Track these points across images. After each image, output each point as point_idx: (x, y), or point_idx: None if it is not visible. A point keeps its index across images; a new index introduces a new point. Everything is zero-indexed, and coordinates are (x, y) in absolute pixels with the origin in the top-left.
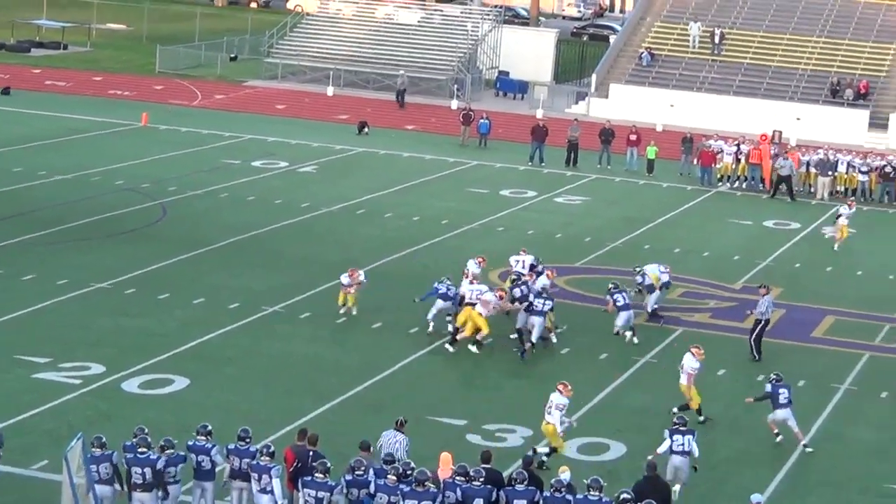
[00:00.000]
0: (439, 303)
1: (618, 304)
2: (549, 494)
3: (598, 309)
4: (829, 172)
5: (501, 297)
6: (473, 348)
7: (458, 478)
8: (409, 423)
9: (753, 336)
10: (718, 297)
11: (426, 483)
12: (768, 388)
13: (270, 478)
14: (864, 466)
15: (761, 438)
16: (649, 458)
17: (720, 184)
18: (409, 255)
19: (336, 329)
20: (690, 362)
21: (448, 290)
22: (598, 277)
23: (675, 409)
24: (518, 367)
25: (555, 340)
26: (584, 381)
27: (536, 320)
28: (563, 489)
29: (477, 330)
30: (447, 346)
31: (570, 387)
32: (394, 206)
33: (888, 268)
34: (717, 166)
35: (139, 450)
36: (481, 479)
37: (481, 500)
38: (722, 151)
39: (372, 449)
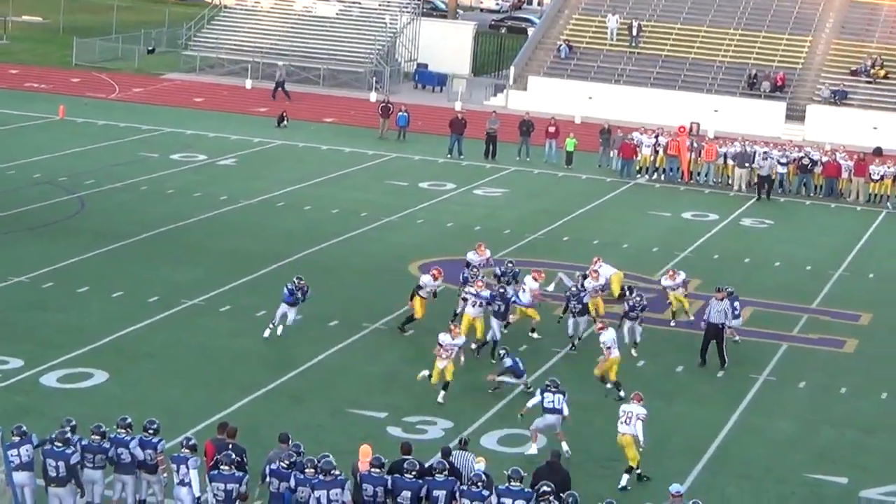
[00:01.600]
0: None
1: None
2: (465, 488)
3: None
4: (747, 164)
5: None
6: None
7: (373, 470)
8: (328, 416)
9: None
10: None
11: (333, 472)
12: (537, 395)
13: (188, 469)
14: (782, 456)
15: (680, 427)
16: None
17: (639, 175)
18: (327, 247)
19: (256, 322)
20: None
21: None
22: (517, 269)
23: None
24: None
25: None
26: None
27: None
28: (479, 482)
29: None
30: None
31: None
32: (313, 199)
33: (805, 259)
34: (637, 158)
35: (56, 443)
36: (414, 472)
37: (409, 492)
38: (641, 144)
39: (291, 441)
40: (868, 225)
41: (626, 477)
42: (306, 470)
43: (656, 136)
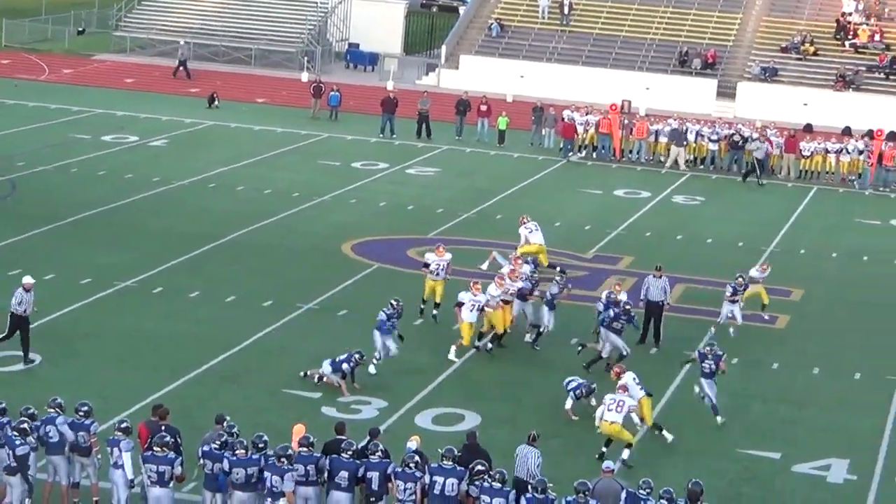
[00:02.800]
0: None
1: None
2: (400, 470)
3: (451, 280)
4: (683, 142)
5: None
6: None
7: (302, 450)
8: (263, 397)
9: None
10: (570, 266)
11: (247, 450)
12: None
13: (121, 451)
14: (717, 432)
15: None
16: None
17: (570, 154)
18: (260, 228)
19: (189, 303)
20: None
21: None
22: (451, 248)
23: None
24: (371, 340)
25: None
26: (440, 350)
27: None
28: (412, 463)
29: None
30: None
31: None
32: (245, 179)
33: (737, 235)
34: (577, 137)
35: (11, 432)
36: (351, 452)
37: (346, 473)
38: (574, 121)
39: (226, 423)
40: (799, 201)
41: (626, 451)
42: (237, 451)
43: (587, 114)
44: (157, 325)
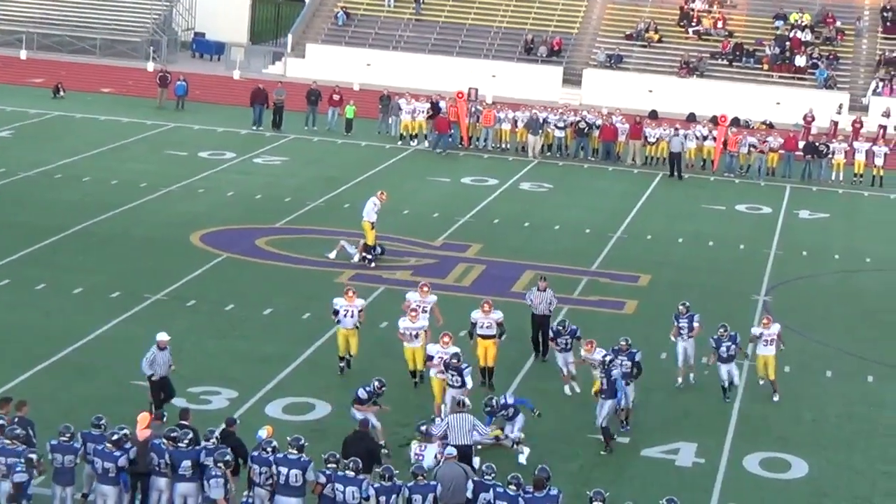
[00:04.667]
0: None
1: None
2: (256, 454)
3: (297, 269)
4: (538, 131)
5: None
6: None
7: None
8: (113, 388)
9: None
10: (419, 254)
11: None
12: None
13: None
14: (567, 418)
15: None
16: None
17: (414, 142)
18: (108, 218)
19: (36, 295)
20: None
21: None
22: (298, 237)
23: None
24: (223, 330)
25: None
26: (289, 340)
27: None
28: (268, 448)
29: None
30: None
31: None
32: (92, 170)
33: (584, 222)
34: (451, 132)
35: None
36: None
37: (188, 461)
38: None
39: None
40: (645, 187)
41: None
42: (106, 444)
43: (432, 103)
44: (3, 317)
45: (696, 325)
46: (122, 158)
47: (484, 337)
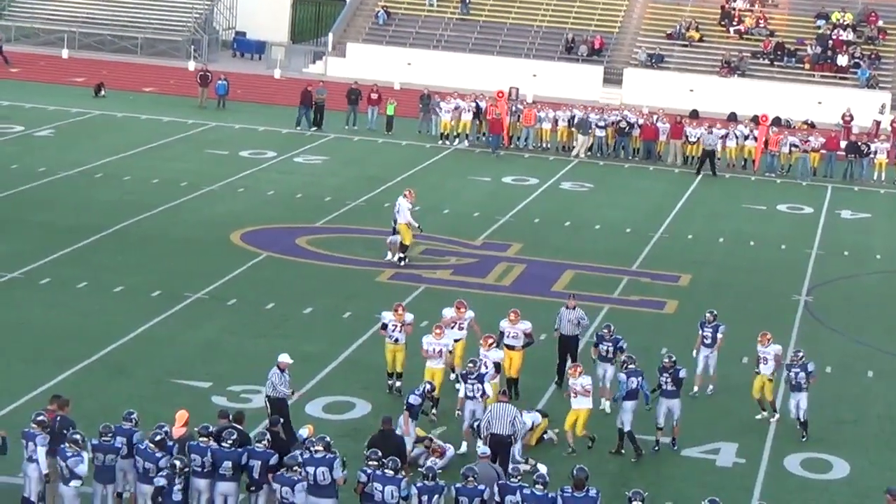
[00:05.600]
0: None
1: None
2: (298, 453)
3: (338, 268)
4: (588, 130)
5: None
6: None
7: (201, 440)
8: (151, 387)
9: None
10: (459, 253)
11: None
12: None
13: (36, 445)
14: (603, 419)
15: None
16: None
17: (456, 141)
18: (148, 217)
19: (76, 294)
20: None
21: None
22: (339, 237)
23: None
24: (264, 329)
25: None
26: (330, 340)
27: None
28: (311, 448)
29: None
30: None
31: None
32: (132, 170)
33: (624, 221)
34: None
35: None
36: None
37: (229, 462)
38: (462, 109)
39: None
40: (685, 187)
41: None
42: (147, 443)
43: (476, 102)
44: (44, 317)
45: (719, 336)
46: (162, 158)
47: (509, 347)
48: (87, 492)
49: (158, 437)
